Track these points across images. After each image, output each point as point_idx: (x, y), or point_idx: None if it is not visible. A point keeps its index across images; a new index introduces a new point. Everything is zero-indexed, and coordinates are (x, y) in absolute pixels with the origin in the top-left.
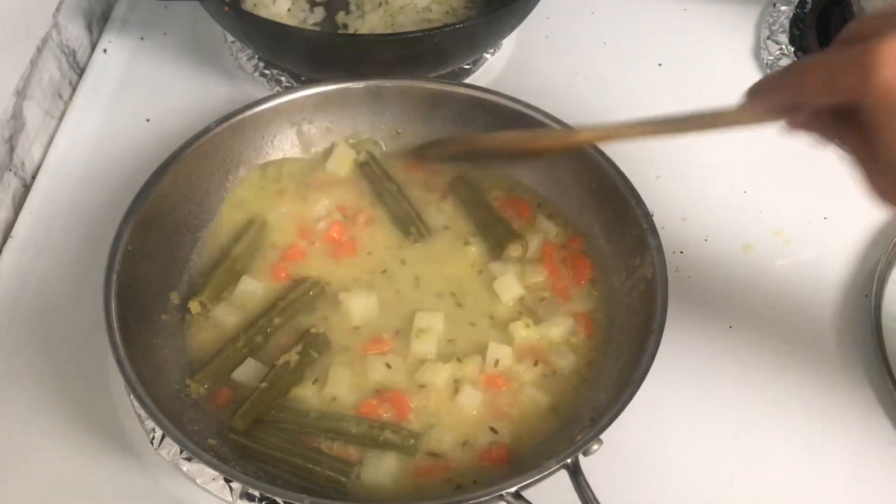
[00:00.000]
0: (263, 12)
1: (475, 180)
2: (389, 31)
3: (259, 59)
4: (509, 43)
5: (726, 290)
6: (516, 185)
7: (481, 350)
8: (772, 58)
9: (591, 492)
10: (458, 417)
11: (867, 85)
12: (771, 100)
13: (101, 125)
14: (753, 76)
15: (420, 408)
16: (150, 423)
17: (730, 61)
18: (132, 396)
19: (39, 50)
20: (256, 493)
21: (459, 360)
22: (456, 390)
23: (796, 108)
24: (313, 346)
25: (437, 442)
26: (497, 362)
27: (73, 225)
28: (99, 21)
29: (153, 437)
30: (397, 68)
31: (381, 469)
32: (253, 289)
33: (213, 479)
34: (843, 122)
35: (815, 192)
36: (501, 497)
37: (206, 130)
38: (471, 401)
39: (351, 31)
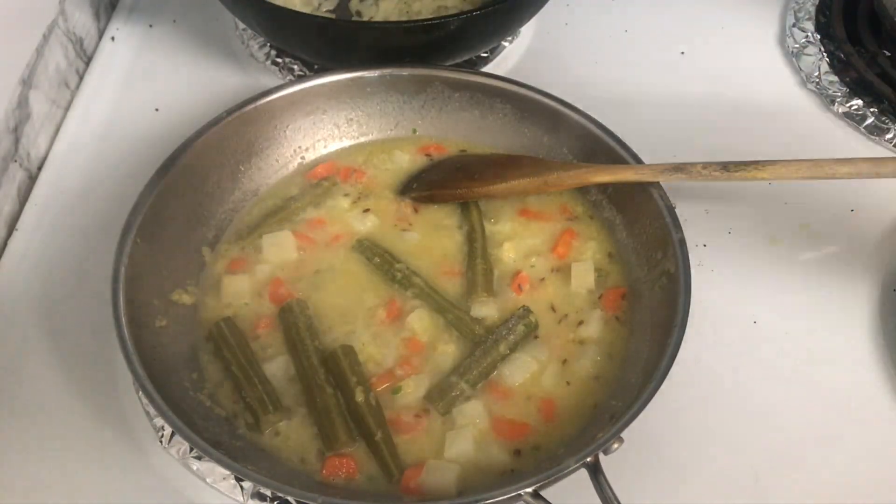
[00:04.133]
0: None
1: None
2: (404, 18)
3: (271, 47)
4: (528, 31)
5: (751, 284)
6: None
7: None
8: (797, 45)
9: (612, 491)
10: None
11: None
12: None
13: (109, 115)
14: (778, 64)
15: None
16: (159, 421)
17: (754, 49)
18: (140, 393)
19: (45, 37)
20: (268, 493)
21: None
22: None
23: None
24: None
25: None
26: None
27: (80, 217)
28: (107, 8)
29: (161, 435)
30: (413, 56)
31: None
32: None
33: (224, 479)
34: None
35: (843, 184)
36: (520, 496)
37: (217, 120)
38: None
39: (365, 18)
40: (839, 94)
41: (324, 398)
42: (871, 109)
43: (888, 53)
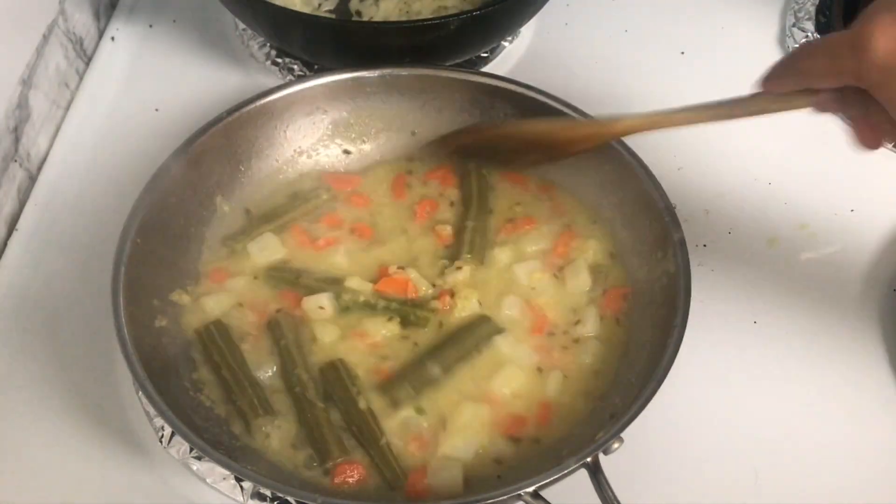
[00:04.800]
0: None
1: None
2: (404, 18)
3: (271, 47)
4: (528, 30)
5: (751, 284)
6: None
7: None
8: (797, 45)
9: (612, 491)
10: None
11: (861, 66)
12: (782, 86)
13: (109, 115)
14: None
15: None
16: (159, 421)
17: (754, 49)
18: (140, 393)
19: (45, 38)
20: (268, 493)
21: None
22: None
23: (812, 91)
24: None
25: None
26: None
27: (80, 217)
28: (107, 8)
29: (162, 436)
30: (413, 56)
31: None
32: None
33: (224, 479)
34: (865, 99)
35: (842, 184)
36: (520, 497)
37: (217, 120)
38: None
39: (365, 18)
40: None
41: (314, 413)
42: None
43: None
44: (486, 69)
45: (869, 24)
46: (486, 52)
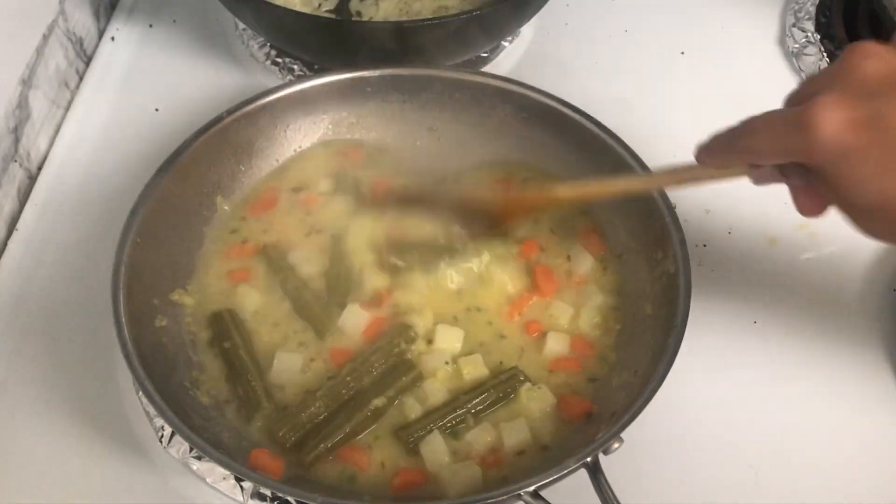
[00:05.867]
0: None
1: None
2: (404, 18)
3: (271, 47)
4: (528, 30)
5: (751, 284)
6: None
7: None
8: (797, 45)
9: (612, 491)
10: None
11: (810, 146)
12: (720, 163)
13: (109, 115)
14: (778, 64)
15: None
16: (159, 421)
17: (754, 49)
18: (140, 393)
19: (45, 38)
20: (268, 493)
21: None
22: None
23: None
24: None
25: None
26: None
27: (80, 217)
28: (106, 8)
29: (161, 435)
30: (413, 56)
31: None
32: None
33: (224, 479)
34: (807, 172)
35: None
36: (519, 496)
37: (217, 120)
38: None
39: (365, 18)
40: None
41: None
42: None
43: None
44: (486, 69)
45: (817, 105)
46: (486, 52)
